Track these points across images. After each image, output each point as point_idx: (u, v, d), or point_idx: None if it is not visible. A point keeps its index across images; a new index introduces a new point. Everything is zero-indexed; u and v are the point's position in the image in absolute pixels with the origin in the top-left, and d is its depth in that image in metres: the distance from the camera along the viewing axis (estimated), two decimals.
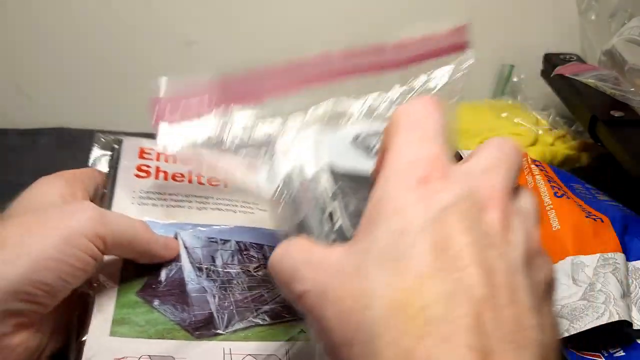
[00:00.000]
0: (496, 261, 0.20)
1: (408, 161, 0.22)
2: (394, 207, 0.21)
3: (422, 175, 0.22)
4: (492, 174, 0.23)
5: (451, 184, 0.22)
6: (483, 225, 0.21)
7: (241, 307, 0.34)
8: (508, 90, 0.71)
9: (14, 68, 0.69)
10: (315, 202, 0.28)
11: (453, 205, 0.21)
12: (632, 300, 0.37)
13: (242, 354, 0.32)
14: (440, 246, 0.20)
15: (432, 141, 0.23)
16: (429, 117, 0.24)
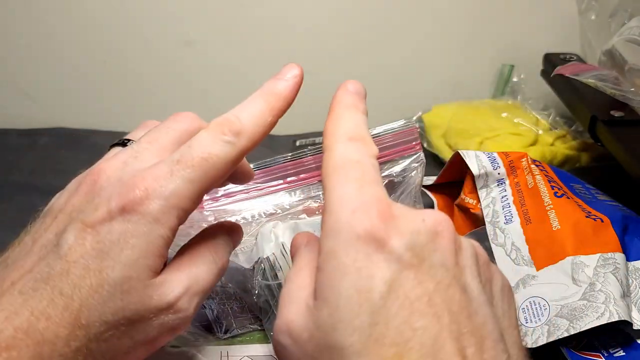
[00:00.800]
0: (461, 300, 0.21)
1: (353, 208, 0.22)
2: (352, 261, 0.21)
3: (371, 225, 0.21)
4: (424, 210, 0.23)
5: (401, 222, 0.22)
6: (440, 257, 0.21)
7: (239, 317, 0.35)
8: (508, 90, 0.71)
9: (14, 68, 0.69)
10: None
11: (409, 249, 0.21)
12: (632, 300, 0.37)
13: (239, 355, 0.33)
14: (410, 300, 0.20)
15: (372, 183, 0.23)
16: (364, 156, 0.24)
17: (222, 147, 0.26)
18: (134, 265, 0.24)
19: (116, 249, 0.24)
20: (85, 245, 0.24)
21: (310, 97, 0.72)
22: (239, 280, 0.36)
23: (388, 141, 0.41)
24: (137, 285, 0.24)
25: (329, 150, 0.25)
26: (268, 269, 0.35)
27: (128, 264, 0.24)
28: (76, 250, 0.24)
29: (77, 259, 0.24)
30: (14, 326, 0.23)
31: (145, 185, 0.25)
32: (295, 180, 0.41)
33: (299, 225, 0.37)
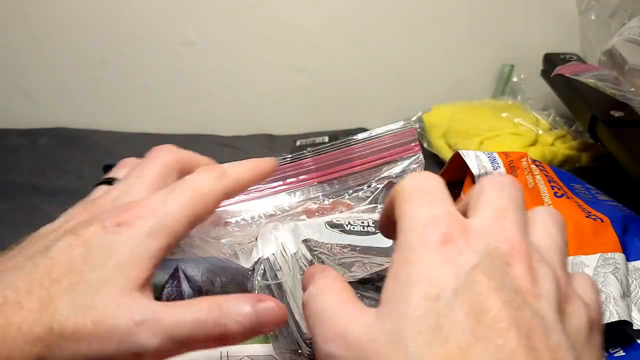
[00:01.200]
0: (532, 321, 0.20)
1: (425, 222, 0.23)
2: (422, 271, 0.22)
3: (442, 235, 0.22)
4: (505, 223, 0.23)
5: (472, 241, 0.22)
6: (512, 282, 0.21)
7: None
8: (508, 90, 0.71)
9: (14, 68, 0.69)
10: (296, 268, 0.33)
11: (479, 265, 0.21)
12: (632, 300, 0.37)
13: (238, 355, 0.33)
14: (476, 311, 0.20)
15: (442, 202, 0.24)
16: (432, 182, 0.25)
17: (211, 181, 0.29)
18: (113, 270, 0.25)
19: (101, 254, 0.25)
20: (73, 250, 0.25)
21: (310, 98, 0.73)
22: (239, 281, 0.36)
23: (387, 142, 0.42)
24: (111, 290, 0.25)
25: (397, 188, 0.26)
26: (268, 269, 0.35)
27: (108, 268, 0.25)
28: (64, 253, 0.25)
29: (63, 260, 0.25)
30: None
31: (139, 208, 0.27)
32: (295, 182, 0.41)
33: (299, 226, 0.37)
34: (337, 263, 0.33)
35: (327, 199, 0.41)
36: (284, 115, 0.73)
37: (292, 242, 0.36)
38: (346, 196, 0.42)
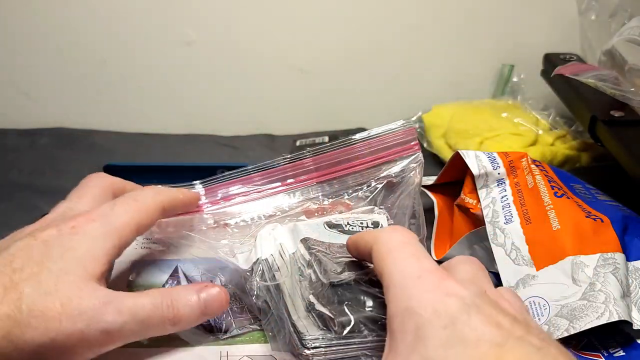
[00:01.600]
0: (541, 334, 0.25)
1: (418, 274, 0.25)
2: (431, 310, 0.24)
3: (438, 282, 0.25)
4: (482, 281, 0.28)
5: (463, 284, 0.25)
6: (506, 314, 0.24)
7: (239, 317, 0.36)
8: (508, 90, 0.71)
9: (13, 68, 0.69)
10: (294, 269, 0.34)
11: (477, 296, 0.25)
12: (632, 300, 0.37)
13: (238, 355, 0.33)
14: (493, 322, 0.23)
15: (426, 256, 0.27)
16: (410, 236, 0.29)
17: (149, 194, 0.34)
18: (73, 263, 0.28)
19: (60, 250, 0.28)
20: (33, 249, 0.28)
21: (310, 98, 0.73)
22: (238, 282, 0.37)
23: (386, 142, 0.42)
24: (73, 278, 0.28)
25: (376, 241, 0.29)
26: (266, 270, 0.35)
27: (67, 260, 0.28)
28: (23, 250, 0.28)
29: (23, 255, 0.28)
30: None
31: (90, 215, 0.31)
32: (294, 182, 0.41)
33: (298, 227, 0.37)
34: (335, 262, 0.33)
35: (326, 199, 0.41)
36: (284, 115, 0.73)
37: (291, 243, 0.36)
38: (345, 196, 0.41)
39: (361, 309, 0.31)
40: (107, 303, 0.28)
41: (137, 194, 0.34)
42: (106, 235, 0.30)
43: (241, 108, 0.72)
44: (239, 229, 0.39)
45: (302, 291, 0.33)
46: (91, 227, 0.30)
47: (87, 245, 0.29)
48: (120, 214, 0.31)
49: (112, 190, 0.35)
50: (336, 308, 0.30)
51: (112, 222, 0.31)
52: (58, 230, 0.29)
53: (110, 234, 0.30)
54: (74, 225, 0.30)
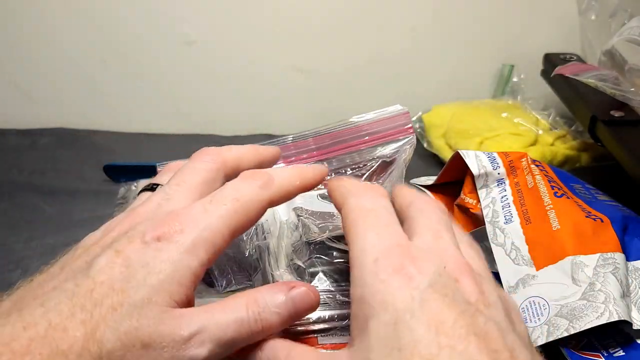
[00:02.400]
0: (487, 326, 0.22)
1: (375, 256, 0.24)
2: (379, 301, 0.23)
3: (393, 266, 0.23)
4: (442, 243, 0.26)
5: (422, 264, 0.24)
6: (463, 295, 0.23)
7: (239, 275, 0.39)
8: (508, 90, 0.71)
9: (14, 68, 0.69)
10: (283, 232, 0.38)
11: (431, 285, 0.23)
12: (631, 300, 0.37)
13: None
14: (434, 324, 0.21)
15: (387, 226, 0.26)
16: (376, 201, 0.27)
17: (254, 190, 0.28)
18: (156, 289, 0.25)
19: (143, 272, 0.25)
20: (114, 269, 0.25)
21: (310, 98, 0.73)
22: (236, 243, 0.40)
23: (381, 124, 0.44)
24: (155, 309, 0.25)
25: (344, 206, 0.27)
26: (260, 232, 0.40)
27: (151, 287, 0.25)
28: (105, 272, 0.25)
29: (104, 280, 0.25)
30: (29, 335, 0.23)
31: (179, 220, 0.26)
32: (296, 160, 0.44)
33: None
34: (318, 226, 0.38)
35: None
36: (283, 115, 0.73)
37: (285, 211, 0.41)
38: (343, 173, 0.44)
39: (329, 262, 0.36)
40: (189, 337, 0.25)
41: (241, 188, 0.28)
42: (194, 251, 0.26)
43: (241, 108, 0.72)
44: None
45: (286, 250, 0.37)
46: (178, 240, 0.26)
47: (172, 267, 0.25)
48: (213, 221, 0.27)
49: (224, 173, 0.30)
50: (308, 261, 0.36)
51: (202, 232, 0.26)
52: (142, 242, 0.26)
53: (199, 248, 0.26)
54: (159, 236, 0.26)
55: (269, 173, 0.29)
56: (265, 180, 0.29)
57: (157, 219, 0.27)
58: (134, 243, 0.26)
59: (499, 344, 0.21)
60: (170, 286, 0.25)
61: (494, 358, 0.21)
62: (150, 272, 0.25)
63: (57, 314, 0.24)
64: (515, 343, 0.22)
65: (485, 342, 0.21)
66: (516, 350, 0.22)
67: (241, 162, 0.32)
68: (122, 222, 0.28)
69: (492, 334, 0.22)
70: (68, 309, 0.24)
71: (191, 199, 0.28)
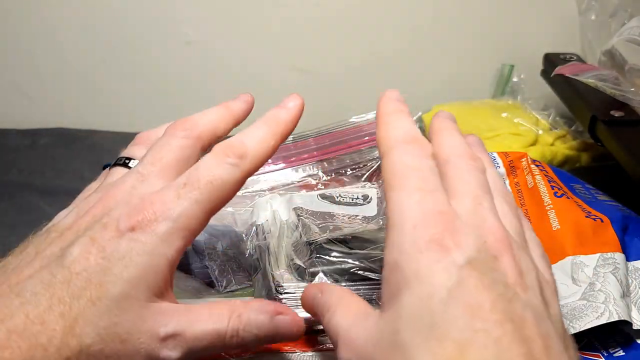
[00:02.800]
0: (524, 313, 0.21)
1: (415, 222, 0.23)
2: (414, 272, 0.22)
3: (432, 236, 0.22)
4: (483, 212, 0.24)
5: (462, 238, 0.22)
6: (501, 277, 0.22)
7: (239, 275, 0.40)
8: (508, 90, 0.71)
9: (14, 68, 0.69)
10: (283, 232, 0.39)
11: (469, 262, 0.22)
12: (632, 300, 0.37)
13: None
14: (471, 307, 0.21)
15: (432, 193, 0.24)
16: (421, 160, 0.25)
17: (227, 169, 0.27)
18: (134, 283, 0.25)
19: (120, 265, 0.25)
20: (89, 259, 0.25)
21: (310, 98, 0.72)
22: (237, 244, 0.41)
23: None
24: (134, 304, 0.25)
25: (386, 156, 0.26)
26: (260, 232, 0.40)
27: (129, 281, 0.25)
28: (80, 263, 0.25)
29: (80, 271, 0.24)
30: (7, 328, 0.23)
31: (153, 208, 0.26)
32: (297, 160, 0.45)
33: (293, 197, 0.42)
34: (319, 226, 0.38)
35: (325, 175, 0.45)
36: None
37: (286, 211, 0.41)
38: (343, 173, 0.45)
39: (330, 262, 0.36)
40: (165, 339, 0.25)
41: (214, 169, 0.27)
42: (170, 240, 0.26)
43: None
44: (243, 199, 0.43)
45: (286, 250, 0.37)
46: (153, 230, 0.25)
47: (148, 259, 0.25)
48: (187, 207, 0.26)
49: (200, 146, 0.30)
50: (308, 261, 0.36)
51: (178, 219, 0.26)
52: (117, 231, 0.25)
53: (174, 236, 0.26)
54: (135, 225, 0.25)
55: (244, 143, 0.29)
56: (239, 153, 0.28)
57: (131, 205, 0.26)
58: (108, 231, 0.25)
59: (533, 332, 0.21)
60: (148, 278, 0.25)
61: (528, 347, 0.20)
62: (128, 266, 0.25)
63: (34, 306, 0.24)
64: (550, 331, 0.21)
65: (521, 330, 0.20)
66: (550, 339, 0.21)
67: (217, 131, 0.31)
68: (95, 205, 0.28)
69: (528, 321, 0.21)
70: (45, 301, 0.24)
71: (166, 179, 0.28)
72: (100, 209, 0.27)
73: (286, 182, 0.44)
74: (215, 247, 0.41)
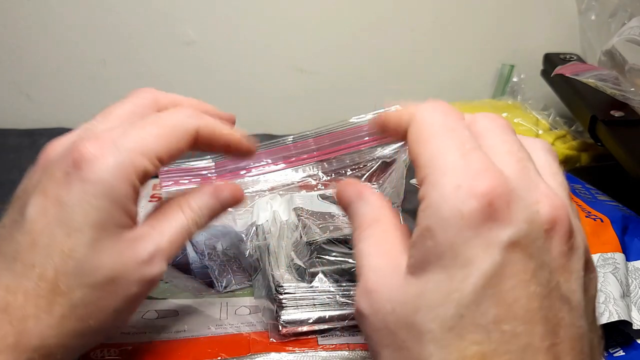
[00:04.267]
0: (559, 312, 0.19)
1: (457, 183, 0.19)
2: (449, 245, 0.19)
3: (479, 202, 0.19)
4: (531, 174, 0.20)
5: (514, 207, 0.19)
6: (548, 258, 0.19)
7: (238, 275, 0.41)
8: (508, 90, 0.71)
9: (14, 68, 0.69)
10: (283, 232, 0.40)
11: (517, 241, 0.18)
12: (631, 300, 0.37)
13: (237, 305, 0.38)
14: (504, 302, 0.18)
15: (475, 151, 0.20)
16: (456, 122, 0.22)
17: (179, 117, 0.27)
18: (102, 224, 0.24)
19: (80, 211, 0.24)
20: (47, 215, 0.24)
21: (310, 98, 0.73)
22: (236, 244, 0.41)
23: None
24: (109, 243, 0.24)
25: (415, 118, 0.22)
26: (260, 233, 0.41)
27: (95, 225, 0.24)
28: (40, 221, 0.24)
29: (42, 229, 0.24)
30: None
31: (98, 144, 0.25)
32: (296, 160, 0.45)
33: (293, 197, 0.42)
34: (319, 227, 0.39)
35: (325, 176, 0.45)
36: (284, 115, 0.73)
37: (286, 211, 0.42)
38: (343, 173, 0.45)
39: (330, 263, 0.37)
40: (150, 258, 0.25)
41: (165, 115, 0.27)
42: (118, 173, 0.24)
43: (241, 108, 0.72)
44: None
45: (286, 250, 0.38)
46: (99, 165, 0.24)
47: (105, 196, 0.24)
48: (135, 141, 0.25)
49: (156, 109, 0.29)
50: (308, 261, 0.37)
51: (124, 152, 0.25)
52: (65, 175, 0.24)
53: (122, 169, 0.24)
54: (78, 162, 0.24)
55: (200, 111, 0.29)
56: (193, 113, 0.28)
57: (73, 146, 0.25)
58: (55, 177, 0.24)
59: (565, 335, 0.19)
60: (113, 217, 0.24)
61: (554, 352, 0.18)
62: (87, 210, 0.24)
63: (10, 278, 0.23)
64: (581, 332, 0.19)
65: (552, 334, 0.18)
66: (578, 342, 0.19)
67: (176, 103, 0.31)
68: (39, 161, 0.27)
69: (562, 321, 0.19)
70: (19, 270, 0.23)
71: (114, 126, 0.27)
72: (44, 162, 0.27)
73: (286, 183, 0.45)
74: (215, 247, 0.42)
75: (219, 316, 0.37)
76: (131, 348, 0.33)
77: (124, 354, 0.33)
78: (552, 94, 0.61)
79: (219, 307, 0.38)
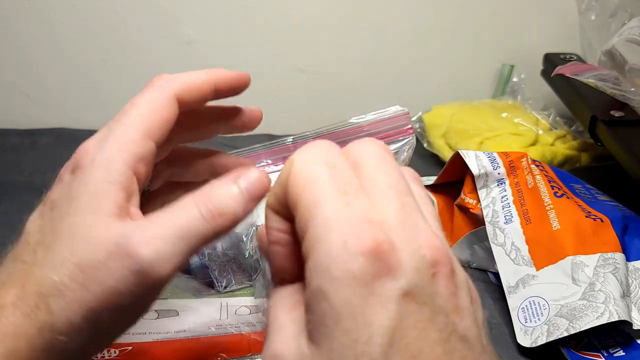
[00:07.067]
0: (462, 351, 0.19)
1: (343, 238, 0.18)
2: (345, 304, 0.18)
3: (366, 257, 0.18)
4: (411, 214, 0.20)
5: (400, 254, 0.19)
6: (440, 301, 0.19)
7: (238, 275, 0.41)
8: (508, 90, 0.71)
9: (14, 68, 0.69)
10: None
11: (409, 291, 0.18)
12: (632, 300, 0.37)
13: (236, 305, 0.39)
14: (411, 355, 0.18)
15: (355, 197, 0.20)
16: (335, 156, 0.21)
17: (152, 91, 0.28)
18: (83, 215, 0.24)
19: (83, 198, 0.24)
20: (44, 215, 0.25)
21: (310, 98, 0.73)
22: (236, 244, 0.42)
23: (381, 125, 0.44)
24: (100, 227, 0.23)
25: (292, 166, 0.21)
26: None
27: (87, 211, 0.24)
28: (34, 223, 0.26)
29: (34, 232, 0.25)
30: None
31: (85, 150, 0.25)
32: None
33: None
34: None
35: None
36: (284, 115, 0.73)
37: None
38: None
39: None
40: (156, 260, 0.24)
41: (137, 97, 0.27)
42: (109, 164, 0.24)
43: None
44: None
45: None
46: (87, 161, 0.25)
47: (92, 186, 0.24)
48: (119, 133, 0.25)
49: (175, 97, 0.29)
50: None
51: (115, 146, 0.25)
52: (61, 184, 0.26)
53: (112, 160, 0.25)
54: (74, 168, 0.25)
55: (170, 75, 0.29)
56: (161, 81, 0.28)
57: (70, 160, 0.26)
58: (54, 187, 0.26)
59: None
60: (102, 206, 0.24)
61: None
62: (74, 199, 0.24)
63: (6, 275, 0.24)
64: None
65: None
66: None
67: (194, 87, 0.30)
68: None
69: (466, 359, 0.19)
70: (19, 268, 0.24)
71: None
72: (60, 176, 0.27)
73: None
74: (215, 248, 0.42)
75: (219, 316, 0.37)
76: (131, 348, 0.34)
77: (124, 354, 0.33)
78: (552, 94, 0.61)
79: (219, 307, 0.38)
